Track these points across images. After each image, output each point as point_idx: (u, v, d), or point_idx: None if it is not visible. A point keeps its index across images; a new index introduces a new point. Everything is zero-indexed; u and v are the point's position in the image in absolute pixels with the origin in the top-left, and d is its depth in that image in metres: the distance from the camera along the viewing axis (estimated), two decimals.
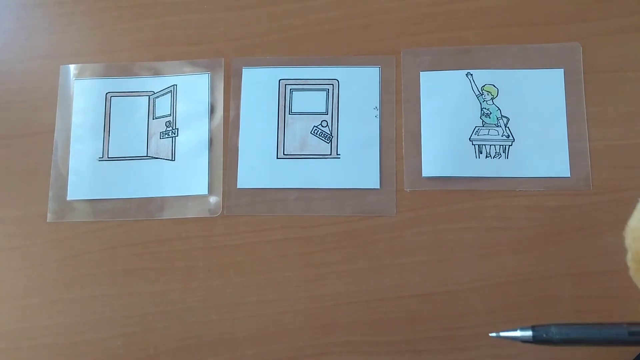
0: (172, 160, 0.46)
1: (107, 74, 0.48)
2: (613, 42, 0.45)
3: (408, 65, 0.46)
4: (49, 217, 0.45)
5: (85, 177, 0.46)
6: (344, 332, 0.42)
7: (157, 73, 0.48)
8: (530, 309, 0.41)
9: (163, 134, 0.47)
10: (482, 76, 0.45)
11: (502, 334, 0.22)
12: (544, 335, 0.21)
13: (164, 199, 0.45)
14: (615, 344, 0.21)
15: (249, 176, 0.45)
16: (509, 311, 0.42)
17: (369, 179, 0.45)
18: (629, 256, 0.20)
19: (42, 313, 0.44)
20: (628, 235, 0.20)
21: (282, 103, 0.47)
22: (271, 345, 0.42)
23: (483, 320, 0.42)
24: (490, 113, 0.45)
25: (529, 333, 0.21)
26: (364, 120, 0.46)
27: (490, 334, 0.26)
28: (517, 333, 0.22)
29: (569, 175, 0.43)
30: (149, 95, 0.47)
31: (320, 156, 0.46)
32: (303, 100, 0.46)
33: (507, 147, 0.44)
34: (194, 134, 0.46)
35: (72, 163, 0.46)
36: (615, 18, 0.46)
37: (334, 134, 0.46)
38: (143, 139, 0.47)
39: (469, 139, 0.45)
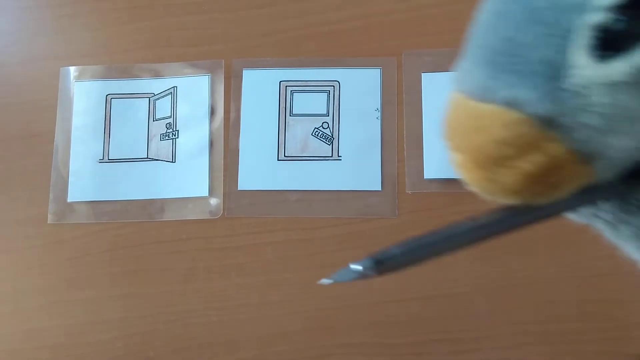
0: (172, 162, 0.46)
1: (107, 75, 0.48)
2: None
3: (409, 66, 0.46)
4: (50, 219, 0.45)
5: (85, 179, 0.46)
6: (345, 334, 0.42)
7: (157, 75, 0.48)
8: (533, 312, 0.41)
9: (163, 136, 0.47)
10: None
11: (335, 275, 0.19)
12: (385, 257, 0.18)
13: (164, 201, 0.45)
14: (464, 243, 0.19)
15: (249, 178, 0.45)
16: (512, 314, 0.41)
17: (370, 180, 0.45)
18: (464, 159, 0.17)
19: (42, 315, 0.44)
20: (455, 134, 0.17)
21: (282, 105, 0.46)
22: (272, 347, 0.42)
23: (485, 323, 0.41)
24: None
25: (368, 262, 0.18)
26: (365, 122, 0.46)
27: (321, 282, 0.21)
28: (356, 266, 0.18)
29: None
30: (149, 97, 0.47)
31: (321, 158, 0.45)
32: (304, 102, 0.46)
33: None
34: (195, 135, 0.46)
35: (73, 165, 0.46)
36: None
37: (335, 135, 0.46)
38: (143, 141, 0.47)
39: None
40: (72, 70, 0.48)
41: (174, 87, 0.47)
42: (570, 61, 0.15)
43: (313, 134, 0.46)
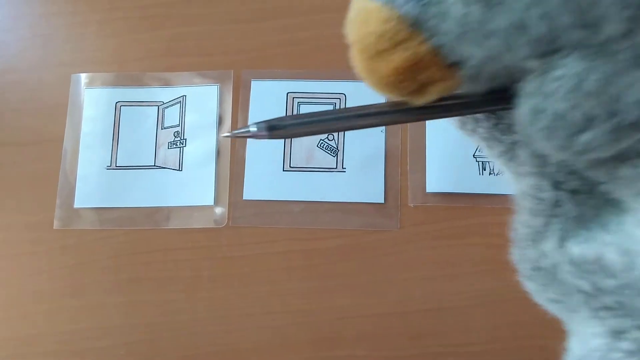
0: (179, 170, 0.47)
1: (117, 83, 0.48)
2: None
3: None
4: (56, 224, 0.46)
5: (92, 185, 0.46)
6: (347, 346, 0.42)
7: (167, 83, 0.48)
8: (533, 326, 0.42)
9: (171, 144, 0.47)
10: None
11: (235, 132, 0.22)
12: (278, 123, 0.21)
13: (170, 209, 0.46)
14: (349, 125, 0.22)
15: (255, 188, 0.46)
16: (512, 328, 0.42)
17: (374, 193, 0.45)
18: (354, 49, 0.20)
19: (47, 320, 0.44)
20: (350, 27, 0.20)
21: None
22: (275, 358, 0.43)
23: (486, 336, 0.42)
24: None
25: (262, 125, 0.21)
26: (370, 135, 0.46)
27: (223, 135, 0.26)
28: (252, 127, 0.21)
29: None
30: (158, 105, 0.48)
31: (326, 169, 0.46)
32: None
33: None
34: (202, 144, 0.47)
35: (80, 171, 0.47)
36: None
37: (340, 147, 0.46)
38: (151, 149, 0.47)
39: (473, 155, 0.45)
40: (83, 77, 0.49)
41: (183, 96, 0.48)
42: None
43: (318, 145, 0.46)
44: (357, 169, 0.46)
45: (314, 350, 0.43)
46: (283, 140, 0.47)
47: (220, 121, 0.47)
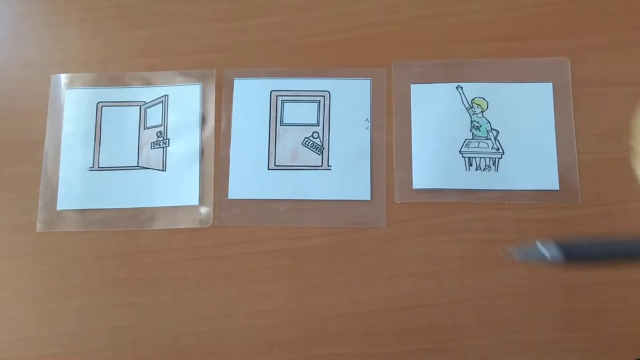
0: (162, 170, 0.46)
1: (98, 83, 0.48)
2: (600, 57, 0.46)
3: (399, 77, 0.47)
4: (39, 227, 0.45)
5: (75, 187, 0.46)
6: (333, 344, 0.42)
7: (148, 83, 0.48)
8: (519, 322, 0.42)
9: (154, 144, 0.47)
10: (472, 89, 0.46)
11: (523, 256, 0.17)
12: (575, 251, 0.17)
13: (154, 210, 0.45)
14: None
15: (240, 187, 0.45)
16: (498, 324, 0.42)
17: (360, 190, 0.45)
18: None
19: (29, 324, 0.44)
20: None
21: (273, 114, 0.47)
22: (261, 357, 0.42)
23: (473, 332, 0.42)
24: (480, 126, 0.45)
25: (558, 251, 0.16)
26: (355, 131, 0.46)
27: (510, 253, 0.20)
28: (545, 252, 0.16)
29: (558, 188, 0.44)
30: (140, 105, 0.47)
31: (311, 167, 0.46)
32: (294, 112, 0.47)
33: (496, 159, 0.45)
34: (185, 144, 0.46)
35: (62, 173, 0.46)
36: (602, 34, 0.46)
37: (325, 145, 0.46)
38: (134, 149, 0.47)
39: (459, 151, 0.45)
40: (63, 77, 0.48)
41: (165, 95, 0.47)
42: None
43: (303, 143, 0.46)
44: (343, 167, 0.46)
45: (301, 349, 0.42)
46: (267, 138, 0.46)
47: (203, 120, 0.47)
